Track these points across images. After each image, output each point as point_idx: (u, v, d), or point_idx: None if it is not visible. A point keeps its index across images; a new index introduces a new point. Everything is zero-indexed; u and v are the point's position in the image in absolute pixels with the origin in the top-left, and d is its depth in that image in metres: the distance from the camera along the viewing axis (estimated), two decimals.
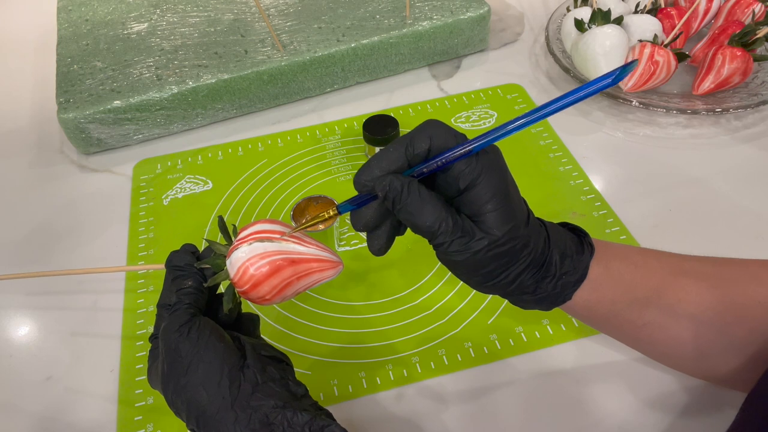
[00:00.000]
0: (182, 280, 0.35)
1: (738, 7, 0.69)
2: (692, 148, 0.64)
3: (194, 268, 0.35)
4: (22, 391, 0.48)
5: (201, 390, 0.31)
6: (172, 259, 0.36)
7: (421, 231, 0.32)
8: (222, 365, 0.32)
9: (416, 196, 0.31)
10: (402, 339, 0.49)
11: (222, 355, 0.32)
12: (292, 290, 0.35)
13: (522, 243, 0.32)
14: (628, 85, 0.65)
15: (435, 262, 0.54)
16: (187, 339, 0.32)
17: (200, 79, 0.66)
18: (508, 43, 0.80)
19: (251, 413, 0.31)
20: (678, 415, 0.43)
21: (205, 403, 0.31)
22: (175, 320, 0.33)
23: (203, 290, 0.35)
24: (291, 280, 0.34)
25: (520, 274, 0.33)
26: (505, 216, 0.31)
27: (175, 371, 0.32)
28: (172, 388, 0.32)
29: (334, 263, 0.36)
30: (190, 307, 0.34)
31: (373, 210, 0.33)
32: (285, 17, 0.74)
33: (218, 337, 0.33)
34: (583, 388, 0.45)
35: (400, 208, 0.31)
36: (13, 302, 0.55)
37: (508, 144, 0.65)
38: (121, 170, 0.66)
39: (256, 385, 0.32)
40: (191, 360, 0.32)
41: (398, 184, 0.31)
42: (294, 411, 0.31)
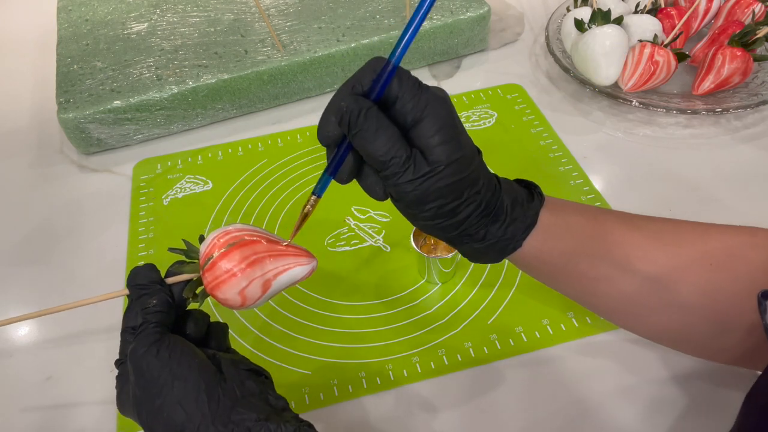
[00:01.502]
0: (147, 298, 0.33)
1: (738, 7, 0.69)
2: (692, 148, 0.64)
3: (158, 285, 0.34)
4: (22, 391, 0.48)
5: (178, 408, 0.30)
6: (134, 278, 0.35)
7: (374, 159, 0.31)
8: (198, 381, 0.31)
9: (373, 120, 0.30)
10: (402, 339, 0.49)
11: (197, 370, 0.31)
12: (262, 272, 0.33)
13: (470, 179, 0.32)
14: (628, 85, 0.65)
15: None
16: (157, 359, 0.31)
17: (200, 79, 0.66)
18: (508, 43, 0.80)
19: (233, 428, 0.30)
20: (678, 417, 0.43)
21: (183, 421, 0.30)
22: (143, 341, 0.31)
23: (170, 309, 0.34)
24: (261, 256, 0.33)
25: (469, 215, 0.33)
26: (453, 148, 0.31)
27: (149, 394, 0.30)
28: (146, 411, 0.31)
29: (308, 255, 0.35)
30: (157, 326, 0.32)
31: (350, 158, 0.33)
32: (285, 17, 0.74)
33: (191, 354, 0.32)
34: (583, 388, 0.45)
35: (356, 132, 0.31)
36: (13, 302, 0.55)
37: (507, 144, 0.65)
38: (121, 170, 0.66)
39: (235, 400, 0.31)
40: (165, 379, 0.30)
41: (355, 107, 0.30)
42: (277, 424, 0.30)
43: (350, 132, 0.31)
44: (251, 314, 0.51)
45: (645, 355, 0.47)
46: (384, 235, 0.56)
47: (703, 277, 0.36)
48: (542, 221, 0.36)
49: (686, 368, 0.46)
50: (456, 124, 0.32)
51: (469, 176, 0.32)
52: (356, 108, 0.30)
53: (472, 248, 0.36)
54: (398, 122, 0.32)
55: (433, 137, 0.31)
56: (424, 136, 0.31)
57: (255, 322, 0.51)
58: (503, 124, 0.68)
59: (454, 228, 0.34)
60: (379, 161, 0.31)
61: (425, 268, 0.51)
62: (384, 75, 0.31)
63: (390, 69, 0.31)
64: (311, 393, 0.46)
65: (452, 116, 0.32)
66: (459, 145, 0.32)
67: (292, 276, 0.34)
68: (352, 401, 0.46)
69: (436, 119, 0.31)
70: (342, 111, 0.31)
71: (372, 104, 0.31)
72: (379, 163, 0.31)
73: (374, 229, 0.57)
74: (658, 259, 0.37)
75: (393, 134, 0.31)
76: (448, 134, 0.31)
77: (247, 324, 0.51)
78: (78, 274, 0.56)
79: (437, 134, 0.31)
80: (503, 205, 0.34)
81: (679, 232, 0.38)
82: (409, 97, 0.31)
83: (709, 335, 0.37)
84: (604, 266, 0.37)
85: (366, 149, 0.31)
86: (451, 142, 0.31)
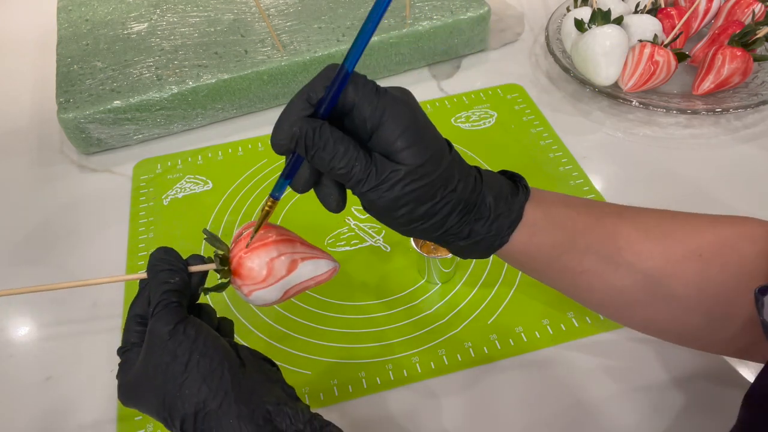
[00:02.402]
0: (170, 273, 0.33)
1: (738, 7, 0.69)
2: (692, 148, 0.64)
3: (182, 266, 0.34)
4: (22, 391, 0.48)
5: (202, 383, 0.30)
6: (158, 253, 0.34)
7: (336, 174, 0.31)
8: (223, 360, 0.31)
9: (328, 137, 0.30)
10: (402, 339, 0.49)
11: (221, 350, 0.32)
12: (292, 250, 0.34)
13: (442, 178, 0.32)
14: (628, 85, 0.65)
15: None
16: (184, 335, 0.31)
17: (200, 79, 0.66)
18: (508, 43, 0.80)
19: (254, 408, 0.30)
20: (678, 416, 0.43)
21: (206, 398, 0.30)
22: (167, 318, 0.31)
23: (188, 292, 0.34)
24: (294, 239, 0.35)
25: (448, 215, 0.33)
26: (419, 149, 0.30)
27: (172, 372, 0.31)
28: (166, 390, 0.30)
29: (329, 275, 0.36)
30: (179, 305, 0.32)
31: (305, 168, 0.32)
32: (285, 17, 0.74)
33: (215, 335, 0.32)
34: (583, 388, 0.45)
35: (313, 153, 0.30)
36: (13, 302, 0.55)
37: (507, 144, 0.65)
38: (121, 170, 0.66)
39: (255, 383, 0.32)
40: (190, 356, 0.31)
41: (308, 128, 0.30)
42: (294, 409, 0.31)
43: (307, 154, 0.30)
44: (251, 314, 0.51)
45: (645, 355, 0.47)
46: (384, 235, 0.56)
47: (694, 270, 0.36)
48: (528, 215, 0.35)
49: (686, 368, 0.46)
50: (419, 126, 0.31)
51: (441, 176, 0.32)
52: (309, 129, 0.30)
53: (458, 246, 0.36)
54: (358, 130, 0.31)
55: (396, 142, 0.30)
56: (386, 141, 0.30)
57: (255, 322, 0.51)
58: (503, 124, 0.68)
59: (435, 229, 0.34)
60: (339, 174, 0.31)
61: (425, 268, 0.51)
62: (336, 82, 0.29)
63: (343, 75, 0.29)
64: (311, 393, 0.46)
65: (414, 117, 0.31)
66: (424, 146, 0.31)
67: (316, 266, 0.35)
68: (352, 401, 0.46)
69: (396, 123, 0.30)
70: (296, 135, 0.30)
71: (323, 122, 0.30)
72: (339, 176, 0.31)
73: (374, 229, 0.57)
74: (648, 252, 0.36)
75: (349, 145, 0.30)
76: (410, 137, 0.30)
77: (247, 324, 0.51)
78: (78, 274, 0.56)
79: (399, 139, 0.30)
80: (485, 201, 0.34)
81: (668, 224, 0.38)
82: (366, 102, 0.30)
83: (701, 327, 0.37)
84: (591, 259, 0.37)
85: (325, 166, 0.31)
86: (414, 146, 0.30)
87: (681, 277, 0.36)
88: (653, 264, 0.36)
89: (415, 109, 0.31)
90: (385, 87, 0.31)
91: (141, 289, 0.35)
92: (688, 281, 0.36)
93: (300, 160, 0.32)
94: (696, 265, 0.36)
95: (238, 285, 0.35)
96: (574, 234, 0.36)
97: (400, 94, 0.32)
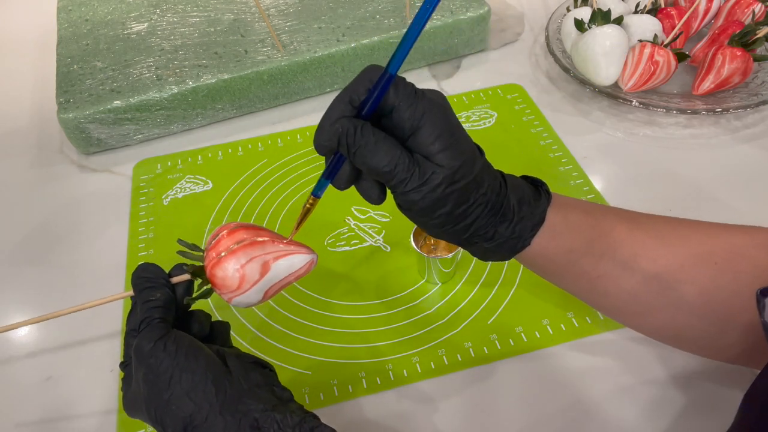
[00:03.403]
0: (150, 291, 0.34)
1: (738, 7, 0.69)
2: (692, 148, 0.64)
3: (163, 280, 0.35)
4: (22, 391, 0.48)
5: (186, 399, 0.31)
6: (138, 272, 0.35)
7: (378, 172, 0.31)
8: (205, 372, 0.31)
9: (370, 136, 0.30)
10: (402, 339, 0.49)
11: (204, 363, 0.32)
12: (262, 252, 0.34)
13: (476, 181, 0.33)
14: (628, 85, 0.65)
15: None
16: (164, 353, 0.31)
17: (200, 79, 0.66)
18: (508, 43, 0.80)
19: (240, 418, 0.30)
20: (678, 416, 0.43)
21: (192, 412, 0.30)
22: (148, 335, 0.32)
23: (172, 305, 0.34)
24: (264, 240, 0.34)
25: (477, 217, 0.34)
26: (455, 152, 0.31)
27: (157, 388, 0.31)
28: (155, 406, 0.31)
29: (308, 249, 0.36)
30: (161, 321, 0.33)
31: (347, 166, 0.33)
32: (285, 17, 0.74)
33: (197, 347, 0.32)
34: (583, 388, 0.45)
35: (355, 151, 0.31)
36: (13, 302, 0.55)
37: (507, 144, 0.65)
38: (121, 170, 0.66)
39: (242, 391, 0.31)
40: (173, 372, 0.31)
41: (350, 126, 0.30)
42: (283, 414, 0.31)
43: (349, 152, 0.31)
44: (251, 314, 0.51)
45: (645, 355, 0.47)
46: (384, 235, 0.56)
47: (705, 276, 0.36)
48: (548, 219, 0.36)
49: (686, 368, 0.46)
50: (454, 130, 0.32)
51: (474, 179, 0.33)
52: (351, 127, 0.30)
53: (483, 248, 0.36)
54: (396, 132, 0.32)
55: (433, 144, 0.31)
56: (423, 144, 0.31)
57: (254, 321, 0.51)
58: (503, 124, 0.68)
59: (464, 231, 0.34)
60: (383, 173, 0.31)
61: (425, 268, 0.51)
62: (380, 84, 0.30)
63: (386, 78, 0.30)
64: (311, 393, 0.46)
65: (450, 121, 0.32)
66: (460, 150, 0.32)
67: (291, 263, 0.35)
68: (352, 401, 0.46)
69: (434, 126, 0.31)
70: (338, 133, 0.31)
71: (365, 122, 0.31)
72: (383, 175, 0.31)
73: (374, 229, 0.57)
74: (661, 258, 0.37)
75: (391, 145, 0.31)
76: (447, 141, 0.31)
77: (247, 323, 0.51)
78: (78, 274, 0.56)
79: (437, 141, 0.31)
80: (510, 204, 0.35)
81: (682, 231, 0.38)
82: (406, 105, 0.31)
83: (711, 334, 0.37)
84: (607, 264, 0.37)
85: (367, 165, 0.31)
86: (450, 149, 0.31)
87: (694, 283, 0.36)
88: (667, 270, 0.36)
89: (450, 112, 0.32)
90: (423, 89, 0.32)
91: (133, 304, 0.35)
92: (701, 288, 0.36)
93: (342, 160, 0.33)
94: (709, 272, 0.36)
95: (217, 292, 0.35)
96: (591, 239, 0.37)
97: (437, 97, 0.32)
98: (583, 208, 0.38)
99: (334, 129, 0.31)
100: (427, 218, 0.33)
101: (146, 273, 0.35)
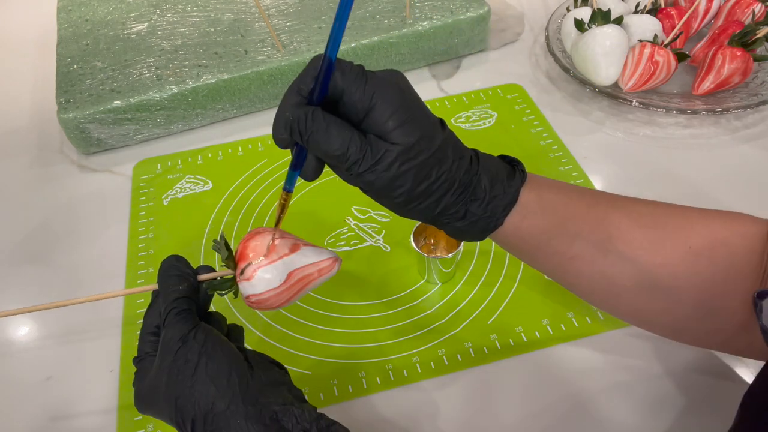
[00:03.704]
0: (179, 279, 0.34)
1: (738, 7, 0.69)
2: (692, 148, 0.64)
3: (190, 272, 0.35)
4: (22, 391, 0.48)
5: (210, 385, 0.31)
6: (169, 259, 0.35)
7: (332, 157, 0.31)
8: (230, 363, 0.32)
9: (321, 122, 0.30)
10: (402, 339, 0.49)
11: (230, 354, 0.32)
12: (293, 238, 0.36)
13: (435, 157, 0.32)
14: (628, 85, 0.65)
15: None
16: (194, 341, 0.32)
17: (200, 79, 0.66)
18: (508, 43, 0.80)
19: (261, 409, 0.31)
20: (678, 416, 0.43)
21: (214, 399, 0.31)
22: (179, 326, 0.32)
23: (196, 297, 0.35)
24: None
25: (443, 194, 0.33)
26: (410, 128, 0.31)
27: (183, 375, 0.31)
28: (177, 394, 0.31)
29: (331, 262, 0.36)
30: (189, 311, 0.33)
31: (311, 156, 0.33)
32: (285, 17, 0.74)
33: (224, 339, 0.33)
34: (583, 388, 0.45)
35: (308, 137, 0.31)
36: (13, 302, 0.55)
37: (507, 144, 0.65)
38: (121, 170, 0.66)
39: (262, 385, 0.32)
40: (199, 360, 0.32)
41: (301, 113, 0.31)
42: (301, 409, 0.31)
43: (302, 139, 0.31)
44: (252, 314, 0.51)
45: (645, 355, 0.47)
46: (384, 235, 0.56)
47: (682, 261, 0.36)
48: (521, 199, 0.35)
49: (686, 368, 0.46)
50: (410, 105, 0.32)
51: (434, 155, 0.32)
52: (301, 114, 0.31)
53: (454, 227, 0.36)
54: (350, 116, 0.32)
55: (387, 122, 0.31)
56: (377, 123, 0.31)
57: (256, 322, 0.51)
58: (503, 124, 0.68)
59: (431, 209, 0.34)
60: (335, 157, 0.31)
61: (425, 268, 0.51)
62: (322, 70, 0.30)
63: (327, 63, 0.30)
64: (311, 393, 0.46)
65: (404, 97, 0.32)
66: (416, 125, 0.31)
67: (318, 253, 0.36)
68: (352, 401, 0.46)
69: (386, 104, 0.31)
70: (289, 122, 0.31)
71: (314, 107, 0.31)
72: (335, 159, 0.31)
73: (374, 229, 0.57)
74: (638, 241, 0.36)
75: (342, 128, 0.31)
76: (401, 117, 0.31)
77: (248, 324, 0.51)
78: (78, 273, 0.56)
79: (390, 119, 0.31)
80: (481, 182, 0.34)
81: (661, 215, 0.38)
82: (354, 86, 0.31)
83: (687, 319, 0.37)
84: (582, 245, 0.37)
85: (321, 150, 0.31)
86: (405, 125, 0.31)
87: (669, 268, 0.36)
88: (642, 253, 0.36)
89: (404, 89, 0.32)
90: (374, 71, 0.32)
91: (153, 299, 0.36)
92: (676, 273, 0.36)
93: (304, 150, 0.33)
94: (685, 257, 0.36)
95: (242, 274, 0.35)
96: (565, 219, 0.36)
97: (389, 75, 0.32)
98: (558, 187, 0.38)
99: (285, 118, 0.31)
100: (388, 198, 0.33)
101: (177, 262, 0.35)
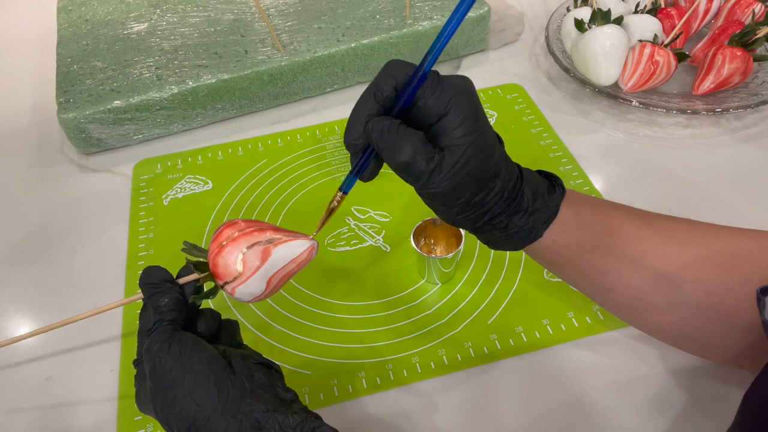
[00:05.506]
0: (158, 297, 0.35)
1: (738, 7, 0.69)
2: (692, 148, 0.64)
3: (169, 284, 0.35)
4: (22, 391, 0.48)
5: (189, 400, 0.31)
6: (145, 278, 0.36)
7: (400, 166, 0.32)
8: (208, 374, 0.32)
9: (394, 133, 0.32)
10: (402, 339, 0.49)
11: (207, 364, 0.32)
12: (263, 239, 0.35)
13: (494, 170, 0.34)
14: (628, 85, 0.65)
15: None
16: (168, 354, 0.32)
17: (200, 79, 0.66)
18: (508, 43, 0.80)
19: (242, 419, 0.31)
20: (678, 417, 0.43)
21: (194, 413, 0.31)
22: (155, 338, 0.33)
23: (181, 307, 0.35)
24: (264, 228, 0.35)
25: (493, 206, 0.34)
26: (475, 139, 0.32)
27: (162, 388, 0.32)
28: (160, 404, 0.32)
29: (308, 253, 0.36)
30: (170, 323, 0.34)
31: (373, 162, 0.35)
32: (285, 17, 0.74)
33: (201, 348, 0.33)
34: (583, 388, 0.45)
35: (382, 147, 0.32)
36: (13, 302, 0.55)
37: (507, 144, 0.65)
38: (121, 170, 0.66)
39: (245, 392, 0.32)
40: (176, 373, 0.32)
41: (379, 126, 0.32)
42: (285, 414, 0.31)
43: (378, 147, 0.33)
44: (251, 313, 0.51)
45: (645, 355, 0.47)
46: (384, 235, 0.56)
47: (710, 277, 0.36)
48: (560, 213, 0.36)
49: (686, 368, 0.45)
50: (478, 115, 0.33)
51: (492, 167, 0.33)
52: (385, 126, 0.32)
53: (495, 236, 0.37)
54: (422, 118, 0.33)
55: (456, 129, 0.32)
56: (447, 128, 0.32)
57: (254, 321, 0.51)
58: (503, 124, 0.68)
59: (479, 218, 0.35)
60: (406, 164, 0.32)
61: (425, 268, 0.51)
62: (412, 83, 0.32)
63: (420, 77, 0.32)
64: (311, 393, 0.46)
65: (474, 106, 0.33)
66: (482, 135, 0.32)
67: (291, 249, 0.35)
68: (352, 401, 0.46)
69: (458, 112, 0.32)
70: (369, 131, 0.32)
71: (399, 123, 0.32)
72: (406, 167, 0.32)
73: (374, 229, 0.57)
74: (668, 256, 0.37)
75: (417, 142, 0.32)
76: (470, 126, 0.32)
77: (247, 324, 0.51)
78: (78, 274, 0.56)
79: (460, 127, 0.32)
80: (524, 195, 0.35)
81: (690, 231, 0.38)
82: (431, 92, 0.32)
83: (713, 335, 0.37)
84: (614, 260, 0.37)
85: (393, 159, 0.32)
86: (473, 134, 0.32)
87: (698, 283, 0.36)
88: (671, 267, 0.37)
89: (474, 98, 0.33)
90: (447, 76, 0.33)
91: (144, 303, 0.36)
92: (704, 287, 0.36)
93: (370, 157, 0.34)
94: (713, 272, 0.36)
95: (221, 286, 0.35)
96: (600, 234, 0.37)
97: (462, 82, 0.33)
98: (593, 204, 0.39)
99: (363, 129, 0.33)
100: (447, 206, 0.34)
101: (151, 279, 0.35)
